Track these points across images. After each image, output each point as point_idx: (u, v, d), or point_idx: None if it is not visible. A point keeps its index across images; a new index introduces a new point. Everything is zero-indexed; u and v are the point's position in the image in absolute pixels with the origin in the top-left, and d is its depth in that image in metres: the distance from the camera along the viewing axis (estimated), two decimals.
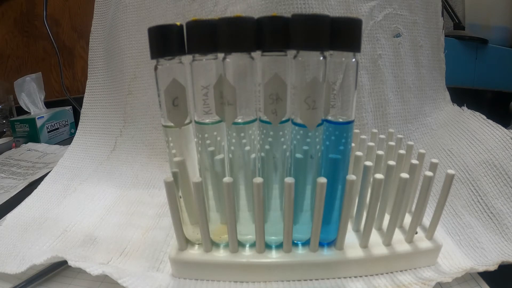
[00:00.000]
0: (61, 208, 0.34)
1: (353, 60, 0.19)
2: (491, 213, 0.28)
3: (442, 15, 0.43)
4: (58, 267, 0.25)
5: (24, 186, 0.42)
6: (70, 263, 0.23)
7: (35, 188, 0.39)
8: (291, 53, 0.19)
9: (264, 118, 0.20)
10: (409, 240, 0.24)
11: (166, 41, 0.19)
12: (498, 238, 0.26)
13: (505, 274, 0.23)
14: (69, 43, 0.73)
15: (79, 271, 0.23)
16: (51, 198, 0.36)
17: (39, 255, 0.24)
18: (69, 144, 0.48)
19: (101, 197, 0.36)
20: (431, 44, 0.43)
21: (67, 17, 0.75)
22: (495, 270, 0.23)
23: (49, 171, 0.43)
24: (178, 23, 0.19)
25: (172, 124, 0.20)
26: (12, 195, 0.39)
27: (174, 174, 0.22)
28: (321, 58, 0.18)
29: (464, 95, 0.44)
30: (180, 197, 0.23)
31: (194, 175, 0.23)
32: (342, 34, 0.18)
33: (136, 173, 0.41)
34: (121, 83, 0.46)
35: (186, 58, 0.20)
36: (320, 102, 0.19)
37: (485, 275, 0.23)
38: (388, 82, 0.41)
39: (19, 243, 0.28)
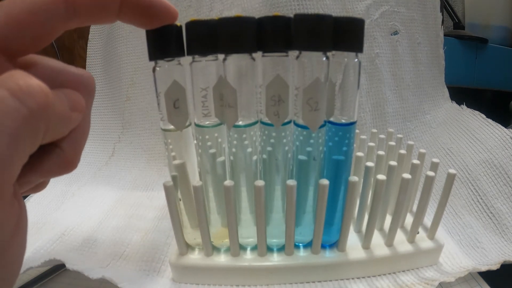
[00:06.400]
0: (59, 212, 0.34)
1: (356, 60, 0.19)
2: (491, 213, 0.28)
3: (441, 12, 0.43)
4: (56, 271, 0.25)
5: None
6: (68, 266, 0.22)
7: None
8: (293, 53, 0.18)
9: (266, 120, 0.19)
10: (411, 240, 0.24)
11: (164, 42, 0.18)
12: (498, 238, 0.26)
13: (505, 274, 0.23)
14: (69, 43, 0.71)
15: (77, 275, 0.22)
16: (49, 203, 0.36)
17: (37, 259, 0.24)
18: None
19: (99, 201, 0.36)
20: (429, 41, 0.43)
21: None
22: (495, 270, 0.23)
23: None
24: (178, 24, 0.18)
25: (172, 127, 0.20)
26: None
27: (174, 178, 0.21)
28: (324, 58, 0.18)
29: (464, 95, 0.44)
30: (180, 200, 0.22)
31: (194, 178, 0.22)
32: (344, 34, 0.17)
33: (135, 177, 0.40)
34: (119, 89, 0.46)
35: (185, 60, 0.20)
36: (323, 104, 0.18)
37: (485, 275, 0.23)
38: (386, 81, 0.40)
39: None
